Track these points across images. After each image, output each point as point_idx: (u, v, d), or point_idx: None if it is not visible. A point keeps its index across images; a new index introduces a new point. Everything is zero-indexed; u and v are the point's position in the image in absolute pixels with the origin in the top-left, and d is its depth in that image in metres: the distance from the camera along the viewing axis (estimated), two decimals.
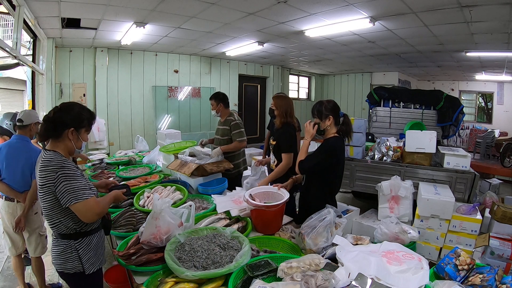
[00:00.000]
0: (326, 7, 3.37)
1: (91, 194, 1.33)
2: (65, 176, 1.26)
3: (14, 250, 2.37)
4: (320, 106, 1.90)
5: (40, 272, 2.43)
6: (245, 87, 8.18)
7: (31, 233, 2.34)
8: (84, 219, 1.32)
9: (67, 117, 1.35)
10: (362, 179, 3.68)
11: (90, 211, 1.31)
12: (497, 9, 3.06)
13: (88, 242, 1.41)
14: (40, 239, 2.39)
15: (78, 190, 1.27)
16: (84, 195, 1.28)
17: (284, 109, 2.53)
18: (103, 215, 1.45)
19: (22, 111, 2.38)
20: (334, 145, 1.87)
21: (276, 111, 2.57)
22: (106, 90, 5.59)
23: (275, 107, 2.59)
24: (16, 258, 2.41)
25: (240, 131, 3.01)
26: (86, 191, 1.30)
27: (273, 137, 2.68)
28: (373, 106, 4.89)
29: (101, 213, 1.40)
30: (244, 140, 3.03)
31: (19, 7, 2.93)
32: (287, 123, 2.54)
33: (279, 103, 2.57)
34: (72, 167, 1.31)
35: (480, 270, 1.21)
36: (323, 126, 1.90)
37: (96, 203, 1.34)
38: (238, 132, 3.00)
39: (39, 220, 2.37)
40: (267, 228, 1.77)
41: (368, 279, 1.09)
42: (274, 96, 2.74)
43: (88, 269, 1.40)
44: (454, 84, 9.44)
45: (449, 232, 2.68)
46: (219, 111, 3.11)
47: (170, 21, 3.99)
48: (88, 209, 1.30)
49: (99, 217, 1.41)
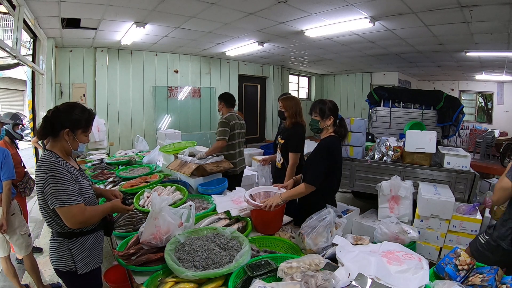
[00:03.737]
0: (326, 7, 3.37)
1: (78, 201, 1.28)
2: (53, 178, 1.25)
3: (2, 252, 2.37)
4: (323, 105, 1.91)
5: (34, 270, 2.43)
6: (245, 87, 8.18)
7: (12, 234, 2.33)
8: (67, 224, 1.29)
9: (64, 117, 1.35)
10: (362, 179, 3.68)
11: (72, 219, 1.27)
12: (497, 9, 3.06)
13: (82, 242, 1.39)
14: (23, 239, 2.38)
15: (63, 194, 1.24)
16: (68, 201, 1.25)
17: (294, 110, 2.59)
18: (90, 224, 1.39)
19: None
20: (331, 145, 1.88)
21: (287, 113, 2.60)
22: (106, 90, 5.59)
23: (285, 109, 2.62)
24: (5, 261, 2.40)
25: (221, 129, 2.89)
26: (72, 197, 1.26)
27: (281, 136, 2.69)
28: (373, 106, 4.89)
29: (86, 222, 1.34)
30: (222, 139, 2.85)
31: (19, 7, 2.93)
32: (297, 123, 2.59)
33: (288, 104, 2.61)
34: (63, 170, 1.28)
35: (480, 270, 1.21)
36: (323, 125, 1.92)
37: (80, 212, 1.29)
38: (219, 131, 2.89)
39: (17, 221, 2.35)
40: (267, 228, 1.77)
41: (368, 279, 1.09)
42: (282, 98, 2.76)
43: (81, 268, 1.38)
44: (454, 84, 9.44)
45: (449, 232, 2.68)
46: (221, 110, 3.15)
47: (170, 21, 3.99)
48: (70, 216, 1.27)
49: (84, 226, 1.36)
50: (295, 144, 2.53)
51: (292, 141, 2.54)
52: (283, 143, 2.61)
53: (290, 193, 1.88)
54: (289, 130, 2.60)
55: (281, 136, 2.68)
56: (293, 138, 2.54)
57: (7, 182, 2.22)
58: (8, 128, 2.79)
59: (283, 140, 2.61)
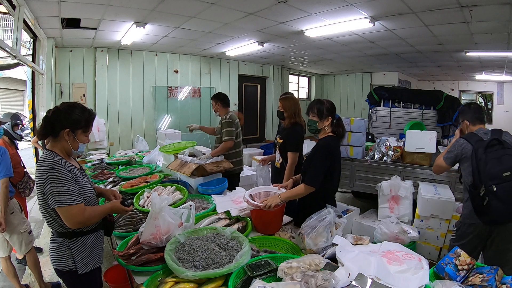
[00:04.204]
0: (326, 7, 3.37)
1: (78, 201, 1.29)
2: (53, 178, 1.25)
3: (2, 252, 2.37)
4: (321, 105, 1.91)
5: (36, 267, 2.43)
6: (245, 87, 8.18)
7: (11, 232, 2.33)
8: (66, 224, 1.29)
9: (64, 117, 1.35)
10: (362, 179, 3.68)
11: (72, 218, 1.28)
12: (497, 9, 3.06)
13: (82, 242, 1.39)
14: (22, 237, 2.37)
15: (63, 194, 1.25)
16: (68, 201, 1.25)
17: (293, 110, 2.59)
18: (89, 224, 1.39)
19: None
20: (329, 145, 1.88)
21: (286, 113, 2.60)
22: (106, 90, 5.59)
23: (284, 109, 2.62)
24: (6, 261, 2.40)
25: (227, 130, 2.93)
26: (72, 197, 1.27)
27: (279, 135, 2.69)
28: (373, 106, 4.90)
29: (86, 223, 1.34)
30: (230, 139, 2.91)
31: (19, 7, 2.93)
32: (296, 122, 2.59)
33: (287, 105, 2.61)
34: (63, 170, 1.28)
35: (480, 270, 1.21)
36: (321, 125, 1.92)
37: (80, 212, 1.29)
38: (226, 131, 2.94)
39: (16, 219, 2.35)
40: (267, 228, 1.77)
41: (368, 279, 1.09)
42: (281, 98, 2.76)
43: (81, 268, 1.38)
44: (454, 84, 9.44)
45: (449, 232, 2.67)
46: (217, 110, 3.15)
47: (170, 21, 3.99)
48: (70, 216, 1.27)
49: (83, 226, 1.36)
50: (293, 144, 2.53)
51: (290, 140, 2.54)
52: (282, 142, 2.61)
53: (290, 193, 1.88)
54: (288, 129, 2.60)
55: (280, 135, 2.69)
56: (292, 138, 2.55)
57: (4, 180, 2.21)
58: (7, 128, 2.78)
59: (282, 140, 2.61)
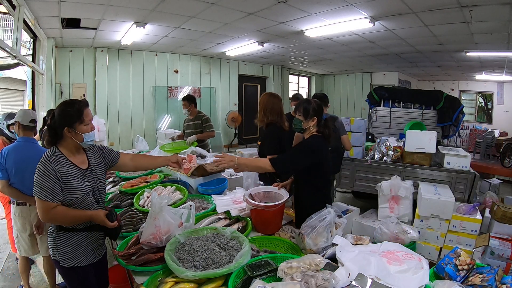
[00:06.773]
0: (326, 7, 3.37)
1: (48, 198, 1.31)
2: (39, 169, 1.33)
3: (32, 252, 2.37)
4: (308, 105, 1.88)
5: (52, 270, 2.41)
6: (245, 87, 8.18)
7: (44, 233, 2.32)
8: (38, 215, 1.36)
9: (59, 119, 1.40)
10: (362, 179, 3.68)
11: (39, 211, 1.34)
12: (497, 9, 3.06)
13: (68, 237, 1.42)
14: None
15: (39, 187, 1.31)
16: (40, 194, 1.31)
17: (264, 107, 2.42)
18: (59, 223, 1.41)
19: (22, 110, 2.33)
20: (314, 144, 1.85)
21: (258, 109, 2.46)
22: (106, 90, 5.60)
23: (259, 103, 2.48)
24: (25, 259, 2.40)
25: (211, 124, 3.73)
26: (44, 192, 1.31)
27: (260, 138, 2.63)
28: (373, 106, 4.89)
29: (52, 220, 1.40)
30: (213, 131, 3.76)
31: (19, 7, 2.93)
32: (270, 123, 2.42)
33: (261, 100, 2.47)
34: (48, 166, 1.32)
35: (480, 270, 1.21)
36: (306, 125, 1.89)
37: (46, 209, 1.32)
38: (210, 125, 3.71)
39: None
40: (267, 228, 1.77)
41: (368, 279, 1.09)
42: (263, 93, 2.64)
43: (63, 261, 1.42)
44: (454, 84, 9.45)
45: (449, 232, 2.67)
46: (190, 110, 3.70)
47: (170, 21, 3.99)
48: (39, 208, 1.34)
49: (52, 222, 1.43)
50: (271, 148, 2.35)
51: (267, 143, 2.41)
52: (260, 145, 2.52)
53: (249, 161, 2.01)
54: (264, 132, 2.46)
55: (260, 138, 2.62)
56: (267, 140, 2.42)
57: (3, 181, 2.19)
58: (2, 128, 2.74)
59: (260, 142, 2.53)
